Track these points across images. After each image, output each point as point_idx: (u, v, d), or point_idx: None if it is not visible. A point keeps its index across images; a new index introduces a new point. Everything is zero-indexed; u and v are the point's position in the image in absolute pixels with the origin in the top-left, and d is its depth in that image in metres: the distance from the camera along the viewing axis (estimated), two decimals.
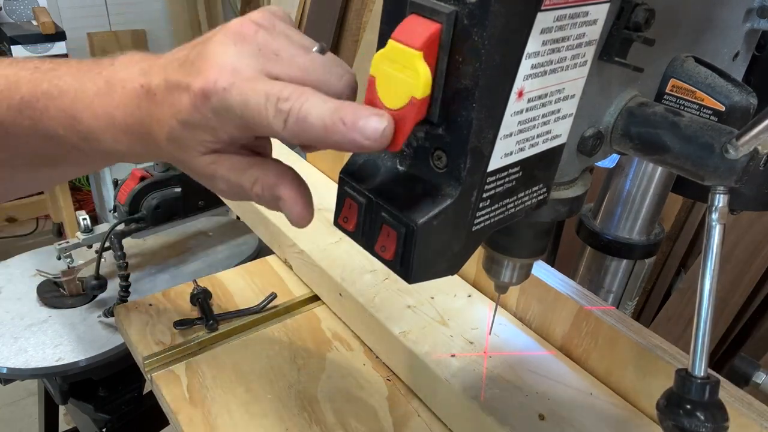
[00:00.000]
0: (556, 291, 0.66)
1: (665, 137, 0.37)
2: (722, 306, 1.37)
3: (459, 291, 0.76)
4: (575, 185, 0.42)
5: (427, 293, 0.74)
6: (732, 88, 0.40)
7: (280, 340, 0.74)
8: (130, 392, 1.05)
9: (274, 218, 0.86)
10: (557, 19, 0.31)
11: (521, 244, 0.46)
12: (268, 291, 0.81)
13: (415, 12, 0.31)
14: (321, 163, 1.00)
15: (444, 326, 0.69)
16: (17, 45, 2.07)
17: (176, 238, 1.19)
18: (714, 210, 0.36)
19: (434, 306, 0.72)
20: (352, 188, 0.36)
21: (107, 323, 0.97)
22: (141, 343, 0.72)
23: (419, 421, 0.64)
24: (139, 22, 2.93)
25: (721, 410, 0.36)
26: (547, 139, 0.36)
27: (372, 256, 0.36)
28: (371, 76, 0.32)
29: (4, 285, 1.05)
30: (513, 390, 0.61)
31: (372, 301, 0.71)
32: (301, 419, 0.63)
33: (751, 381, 0.70)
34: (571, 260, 0.83)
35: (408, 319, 0.69)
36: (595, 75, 0.37)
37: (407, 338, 0.66)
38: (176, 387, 0.67)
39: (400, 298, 0.73)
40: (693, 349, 0.36)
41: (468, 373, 0.62)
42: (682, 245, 1.55)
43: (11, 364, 0.89)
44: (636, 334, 0.59)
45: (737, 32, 0.46)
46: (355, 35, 2.25)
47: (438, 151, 0.33)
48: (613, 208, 0.74)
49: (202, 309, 0.76)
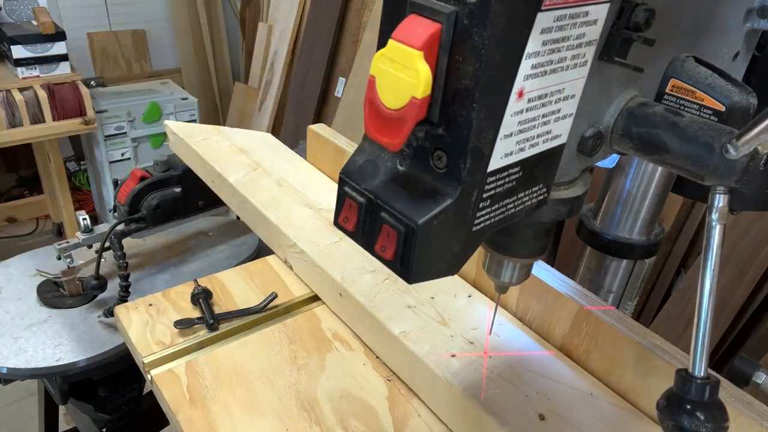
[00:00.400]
0: (556, 291, 0.66)
1: (665, 137, 0.37)
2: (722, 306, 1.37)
3: (459, 291, 0.76)
4: (575, 185, 0.42)
5: (427, 293, 0.74)
6: (732, 88, 0.40)
7: (280, 340, 0.74)
8: (130, 392, 1.05)
9: (275, 218, 0.86)
10: (557, 19, 0.31)
11: (521, 244, 0.46)
12: (268, 291, 0.81)
13: (416, 12, 0.31)
14: (321, 163, 1.00)
15: (444, 326, 0.69)
16: (17, 45, 2.07)
17: (176, 238, 1.19)
18: (714, 210, 0.36)
19: (434, 306, 0.72)
20: (352, 188, 0.36)
21: (107, 323, 0.97)
22: (141, 343, 0.72)
23: (419, 421, 0.64)
24: (139, 22, 2.94)
25: (721, 410, 0.36)
26: (548, 139, 0.36)
27: (372, 256, 0.36)
28: (371, 76, 0.32)
29: (4, 285, 1.05)
30: (513, 390, 0.61)
31: (372, 301, 0.71)
32: (301, 419, 0.63)
33: (751, 381, 0.70)
34: (571, 260, 0.83)
35: (408, 320, 0.69)
36: (595, 75, 0.37)
37: (407, 338, 0.66)
38: (176, 387, 0.67)
39: (400, 298, 0.73)
40: (693, 349, 0.36)
41: (468, 373, 0.62)
42: (682, 245, 1.55)
43: (11, 364, 0.89)
44: (636, 334, 0.59)
45: (737, 32, 0.46)
46: (355, 35, 2.25)
47: (438, 151, 0.33)
48: (613, 208, 0.74)
49: (203, 309, 0.76)
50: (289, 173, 0.96)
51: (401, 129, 0.31)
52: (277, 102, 2.61)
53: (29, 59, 2.11)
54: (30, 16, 2.31)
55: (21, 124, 2.08)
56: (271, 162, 1.00)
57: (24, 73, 2.11)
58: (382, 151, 0.36)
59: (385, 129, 0.32)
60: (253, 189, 0.92)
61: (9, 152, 2.58)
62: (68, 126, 2.14)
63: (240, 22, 3.05)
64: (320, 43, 2.34)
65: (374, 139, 0.33)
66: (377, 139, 0.33)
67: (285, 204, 0.89)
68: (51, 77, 2.15)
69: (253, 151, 1.03)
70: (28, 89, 2.11)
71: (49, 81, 2.14)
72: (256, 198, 0.90)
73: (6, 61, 2.19)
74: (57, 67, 2.16)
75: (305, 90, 2.43)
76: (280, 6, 2.61)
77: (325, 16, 2.33)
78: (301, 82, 2.45)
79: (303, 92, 2.44)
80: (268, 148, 1.06)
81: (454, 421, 0.62)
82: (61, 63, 2.17)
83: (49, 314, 0.99)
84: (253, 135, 1.10)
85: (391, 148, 0.33)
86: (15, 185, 2.80)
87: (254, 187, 0.92)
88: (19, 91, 2.08)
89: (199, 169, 1.03)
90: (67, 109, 2.15)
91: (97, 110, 2.30)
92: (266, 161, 1.00)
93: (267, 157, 1.02)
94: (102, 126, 2.34)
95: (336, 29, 2.29)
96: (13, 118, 2.09)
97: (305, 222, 0.86)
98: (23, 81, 2.11)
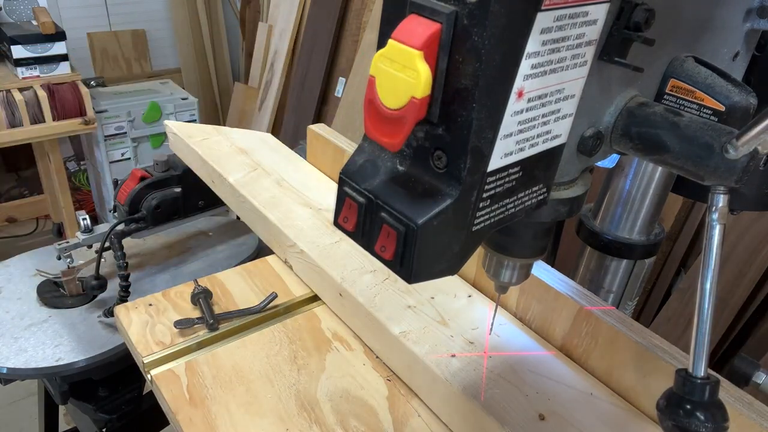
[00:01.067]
0: (556, 291, 0.66)
1: (665, 137, 0.37)
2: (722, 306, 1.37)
3: (459, 291, 0.76)
4: (575, 185, 0.42)
5: (427, 293, 0.74)
6: (732, 88, 0.40)
7: (280, 340, 0.74)
8: (130, 392, 1.05)
9: (274, 218, 0.86)
10: (557, 19, 0.31)
11: (521, 244, 0.46)
12: (268, 291, 0.81)
13: (415, 12, 0.31)
14: (321, 163, 1.00)
15: (444, 326, 0.69)
16: (17, 45, 2.08)
17: (176, 238, 1.19)
18: (714, 210, 0.36)
19: (434, 306, 0.72)
20: (352, 188, 0.36)
21: (107, 323, 0.97)
22: (141, 343, 0.72)
23: (419, 421, 0.64)
24: (139, 22, 2.94)
25: (721, 410, 0.36)
26: (547, 139, 0.36)
27: (372, 256, 0.36)
28: (371, 76, 0.32)
29: (4, 285, 1.05)
30: (513, 390, 0.61)
31: (372, 300, 0.71)
32: (300, 419, 0.63)
33: (751, 381, 0.70)
34: (571, 260, 0.83)
35: (408, 319, 0.69)
36: (595, 75, 0.37)
37: (407, 338, 0.66)
38: (176, 387, 0.67)
39: (400, 298, 0.73)
40: (693, 349, 0.36)
41: (468, 373, 0.62)
42: (682, 245, 1.55)
43: (11, 364, 0.89)
44: (636, 334, 0.59)
45: (737, 32, 0.46)
46: (355, 35, 2.25)
47: (438, 151, 0.33)
48: (613, 208, 0.74)
49: (203, 308, 0.76)
50: (289, 173, 0.96)
51: (401, 129, 0.31)
52: (277, 102, 2.61)
53: (29, 59, 2.11)
54: (30, 16, 2.31)
55: (21, 124, 2.08)
56: (271, 162, 1.00)
57: (24, 73, 2.11)
58: (382, 151, 0.36)
59: (385, 129, 0.32)
60: (253, 189, 0.92)
61: (9, 152, 2.58)
62: (68, 126, 2.14)
63: (240, 22, 3.05)
64: (320, 43, 2.34)
65: (374, 139, 0.33)
66: (377, 139, 0.33)
67: (285, 204, 0.89)
68: (51, 77, 2.15)
69: (253, 151, 1.03)
70: (28, 89, 2.11)
71: (49, 81, 2.14)
72: (257, 198, 0.90)
73: (6, 61, 2.19)
74: (57, 67, 2.16)
75: (305, 90, 2.43)
76: (280, 6, 2.61)
77: (325, 16, 2.33)
78: (301, 82, 2.45)
79: (303, 92, 2.44)
80: (267, 148, 1.06)
81: (454, 421, 0.62)
82: (61, 63, 2.17)
83: (49, 314, 0.99)
84: (253, 135, 1.10)
85: (391, 148, 0.33)
86: (15, 185, 2.80)
87: (254, 187, 0.92)
88: (19, 91, 2.08)
89: (199, 169, 1.03)
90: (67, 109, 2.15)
91: (97, 110, 2.30)
92: (266, 161, 1.00)
93: (267, 157, 1.02)
94: (102, 126, 2.34)
95: (336, 29, 2.29)
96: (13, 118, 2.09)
97: (305, 222, 0.86)
98: (23, 81, 2.11)
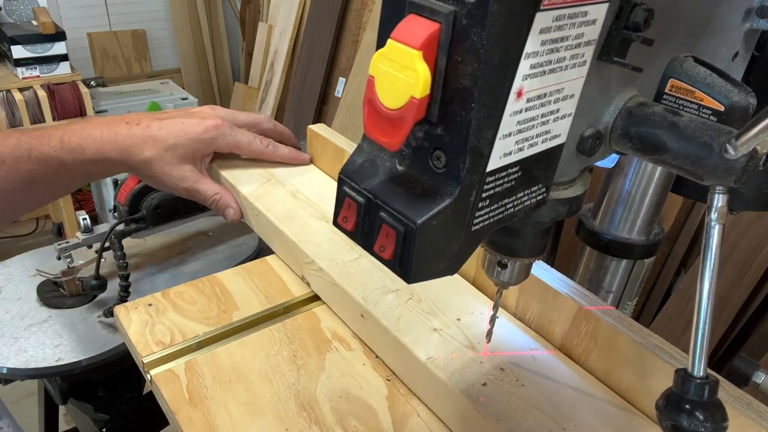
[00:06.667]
0: (556, 291, 0.66)
1: (664, 137, 0.37)
2: (722, 306, 1.37)
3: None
4: (575, 185, 0.42)
5: (452, 316, 0.74)
6: (731, 88, 0.40)
7: (279, 339, 0.74)
8: (130, 392, 1.05)
9: (291, 234, 0.83)
10: (556, 19, 0.31)
11: (520, 244, 0.46)
12: (268, 291, 0.81)
13: (415, 12, 0.31)
14: (321, 163, 1.00)
15: (472, 350, 0.69)
16: (17, 45, 2.08)
17: (176, 238, 1.19)
18: (713, 210, 0.36)
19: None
20: (351, 188, 0.36)
21: (107, 323, 0.97)
22: (141, 343, 0.72)
23: (419, 421, 0.64)
24: (139, 22, 2.94)
25: (720, 410, 0.36)
26: (547, 139, 0.36)
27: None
28: (370, 76, 0.32)
29: (4, 285, 1.05)
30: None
31: (396, 323, 0.69)
32: (300, 419, 0.63)
33: (751, 381, 0.70)
34: (571, 260, 0.83)
35: (434, 343, 0.69)
36: (594, 75, 0.37)
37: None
38: (176, 387, 0.67)
39: (426, 320, 0.73)
40: (692, 349, 0.36)
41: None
42: (682, 245, 1.55)
43: (11, 364, 0.89)
44: (636, 334, 0.59)
45: (736, 32, 0.46)
46: (355, 35, 2.25)
47: (437, 150, 0.33)
48: (612, 208, 0.74)
49: None
50: (302, 182, 0.93)
51: (400, 129, 0.31)
52: (277, 102, 2.61)
53: (29, 59, 2.11)
54: (30, 16, 2.31)
55: (21, 124, 2.08)
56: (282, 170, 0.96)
57: (24, 73, 2.12)
58: (381, 151, 0.36)
59: (384, 129, 0.32)
60: (267, 202, 0.89)
61: None
62: None
63: (240, 22, 3.06)
64: (320, 43, 2.34)
65: (373, 138, 0.33)
66: (376, 139, 0.33)
67: (300, 217, 0.85)
68: (51, 77, 2.15)
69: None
70: (28, 89, 2.12)
71: (49, 81, 2.14)
72: (272, 212, 0.87)
73: (6, 61, 2.19)
74: (57, 67, 2.17)
75: (305, 90, 2.43)
76: (280, 6, 2.62)
77: (325, 16, 2.33)
78: (301, 82, 2.45)
79: (303, 92, 2.44)
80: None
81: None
82: (61, 63, 2.17)
83: (49, 314, 0.99)
84: None
85: (390, 147, 0.33)
86: None
87: (269, 200, 0.90)
88: (19, 91, 2.09)
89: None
90: (67, 109, 2.15)
91: (97, 110, 2.30)
92: (277, 169, 0.97)
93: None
94: None
95: (336, 29, 2.29)
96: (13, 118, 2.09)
97: (322, 237, 0.82)
98: (23, 81, 2.11)
